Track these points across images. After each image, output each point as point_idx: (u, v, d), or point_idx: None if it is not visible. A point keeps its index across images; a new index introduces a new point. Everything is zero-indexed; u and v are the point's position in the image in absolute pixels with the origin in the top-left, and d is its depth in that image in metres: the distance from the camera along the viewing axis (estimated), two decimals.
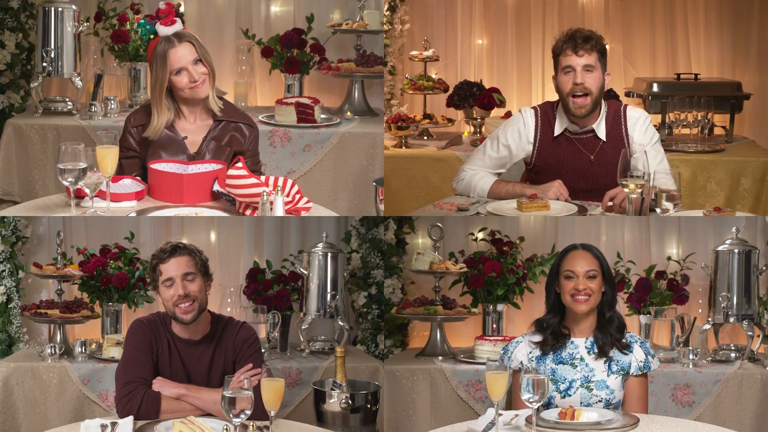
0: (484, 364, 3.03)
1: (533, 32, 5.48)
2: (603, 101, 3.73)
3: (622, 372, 3.03)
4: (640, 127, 3.73)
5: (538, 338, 3.09)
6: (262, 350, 3.49)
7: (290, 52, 5.10)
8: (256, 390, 2.71)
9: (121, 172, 3.48)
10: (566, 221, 4.56)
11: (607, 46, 3.79)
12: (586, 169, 3.74)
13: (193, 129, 3.66)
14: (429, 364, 4.09)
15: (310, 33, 5.14)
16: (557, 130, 3.77)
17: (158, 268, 3.09)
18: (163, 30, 3.56)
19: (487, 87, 5.23)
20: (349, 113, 5.05)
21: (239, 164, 3.23)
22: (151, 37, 4.72)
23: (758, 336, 4.07)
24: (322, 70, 5.03)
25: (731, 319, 4.10)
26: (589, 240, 3.94)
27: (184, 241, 3.73)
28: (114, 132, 3.23)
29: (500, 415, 2.73)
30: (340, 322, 4.25)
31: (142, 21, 4.92)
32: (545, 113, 3.81)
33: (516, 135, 3.81)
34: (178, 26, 3.57)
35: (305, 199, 3.35)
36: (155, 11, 4.73)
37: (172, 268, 3.06)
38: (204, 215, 3.46)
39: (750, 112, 5.19)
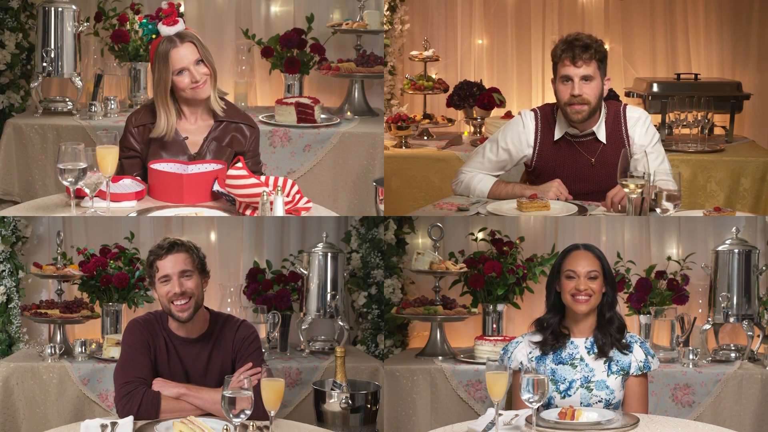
0: (484, 364, 3.02)
1: (533, 32, 5.48)
2: (602, 103, 3.72)
3: (622, 372, 3.03)
4: (641, 127, 3.71)
5: (538, 338, 3.09)
6: (262, 349, 3.49)
7: (290, 52, 5.09)
8: (256, 390, 2.70)
9: (121, 172, 3.48)
10: (566, 221, 4.56)
11: (607, 47, 3.77)
12: (586, 172, 3.72)
13: (194, 129, 3.65)
14: (429, 364, 4.09)
15: (310, 33, 5.13)
16: (557, 134, 3.74)
17: (155, 264, 3.08)
18: (166, 30, 3.55)
19: (487, 87, 5.23)
20: (349, 113, 5.05)
21: (239, 164, 3.23)
22: (153, 36, 4.71)
23: (758, 336, 4.07)
24: (322, 70, 5.02)
25: (731, 319, 4.10)
26: (589, 240, 3.94)
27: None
28: (114, 132, 3.22)
29: (500, 415, 2.73)
30: (340, 322, 4.24)
31: (144, 20, 4.92)
32: (545, 116, 3.78)
33: (516, 138, 3.79)
34: (180, 26, 3.56)
35: (305, 199, 3.34)
36: (156, 11, 4.74)
37: (169, 265, 3.05)
38: (204, 215, 3.46)
39: (750, 112, 5.19)
